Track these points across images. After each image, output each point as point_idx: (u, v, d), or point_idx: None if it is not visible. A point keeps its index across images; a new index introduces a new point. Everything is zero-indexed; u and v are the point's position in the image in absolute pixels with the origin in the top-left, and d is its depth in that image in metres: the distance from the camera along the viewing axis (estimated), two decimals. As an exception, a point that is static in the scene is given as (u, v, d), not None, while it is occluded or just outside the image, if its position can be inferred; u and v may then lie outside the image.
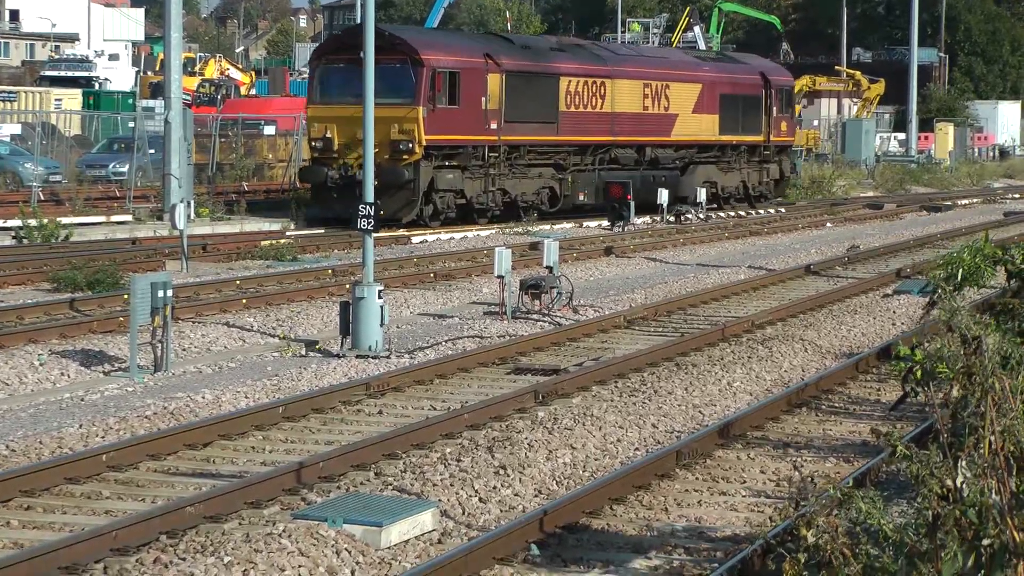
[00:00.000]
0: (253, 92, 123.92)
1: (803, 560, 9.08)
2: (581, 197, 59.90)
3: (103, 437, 22.04)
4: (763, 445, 22.32)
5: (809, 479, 18.65)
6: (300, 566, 15.51)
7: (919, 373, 14.36)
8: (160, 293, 27.67)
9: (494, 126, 54.17)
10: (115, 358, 28.75)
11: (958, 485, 8.84)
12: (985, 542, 8.16)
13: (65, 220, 52.67)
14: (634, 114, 62.12)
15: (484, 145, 54.31)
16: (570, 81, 58.54)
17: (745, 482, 19.99)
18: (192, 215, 50.58)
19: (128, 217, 59.20)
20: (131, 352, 27.78)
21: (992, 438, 9.16)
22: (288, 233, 56.01)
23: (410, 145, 50.90)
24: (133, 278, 29.89)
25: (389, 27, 60.50)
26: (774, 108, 70.82)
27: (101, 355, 29.12)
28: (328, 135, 52.32)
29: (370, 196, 31.90)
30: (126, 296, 31.03)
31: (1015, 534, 8.61)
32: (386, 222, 47.31)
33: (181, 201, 44.38)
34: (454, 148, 53.62)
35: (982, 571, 8.35)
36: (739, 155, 69.28)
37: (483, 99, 53.63)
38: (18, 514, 18.11)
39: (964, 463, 9.07)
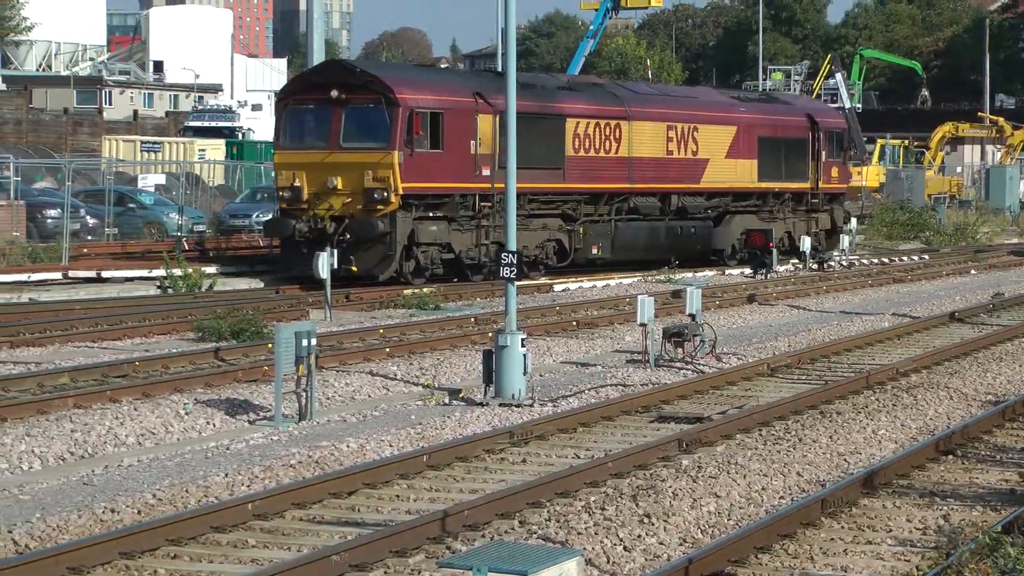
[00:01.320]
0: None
1: None
2: (594, 250, 55.31)
3: (248, 486, 22.17)
4: (909, 493, 21.90)
5: (958, 528, 18.63)
6: None
7: None
8: (304, 342, 27.64)
9: (486, 172, 49.70)
10: (260, 407, 28.92)
11: None
12: None
13: (209, 270, 53.36)
14: (656, 159, 57.85)
15: (475, 193, 50.29)
16: (579, 123, 54.19)
17: (891, 531, 19.61)
18: (335, 264, 50.86)
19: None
20: (276, 401, 27.90)
21: None
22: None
23: (385, 194, 46.86)
24: (277, 327, 29.97)
25: (362, 63, 58.42)
26: (823, 152, 65.91)
27: (246, 404, 29.21)
28: (297, 183, 48.02)
29: (512, 244, 31.27)
30: (270, 345, 31.12)
31: None
32: (360, 279, 46.17)
33: (324, 250, 44.20)
34: (438, 197, 49.51)
35: None
36: (783, 204, 64.93)
37: (472, 142, 49.53)
38: (165, 563, 18.03)
39: None
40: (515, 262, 31.93)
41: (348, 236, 44.99)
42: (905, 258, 74.60)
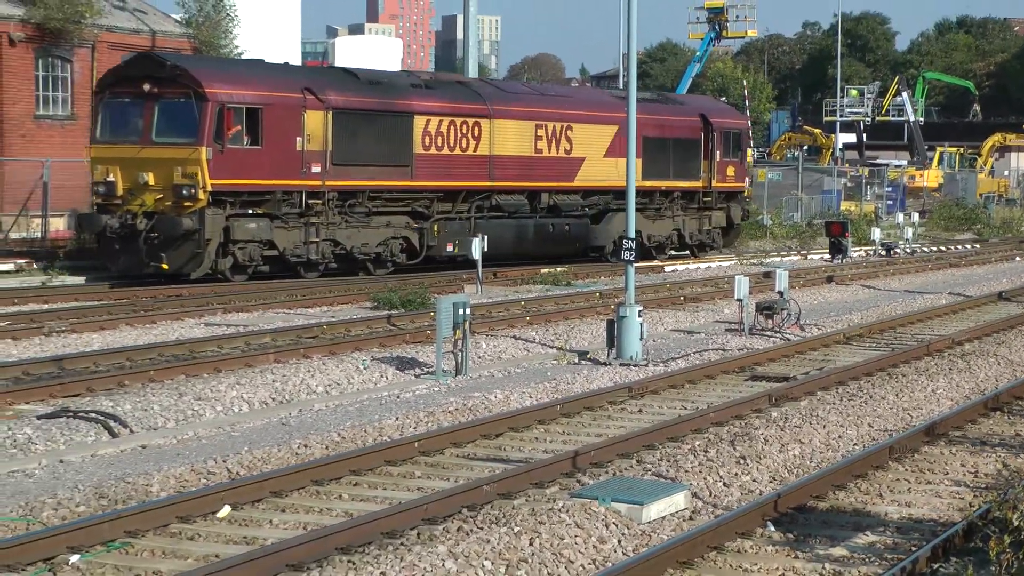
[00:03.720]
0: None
1: (1008, 540, 9.13)
2: (450, 248, 47.23)
3: (415, 428, 22.62)
4: (963, 443, 21.94)
5: (1012, 471, 18.83)
6: (576, 536, 15.53)
7: None
8: (460, 311, 27.90)
9: (316, 169, 43.15)
10: (424, 364, 29.12)
11: None
12: None
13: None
14: (522, 157, 50.25)
15: (301, 191, 43.21)
16: (429, 120, 46.91)
17: (948, 473, 19.77)
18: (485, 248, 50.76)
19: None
20: (437, 359, 28.25)
21: None
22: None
23: (193, 191, 39.80)
24: (439, 299, 30.33)
25: (174, 56, 47.24)
26: (717, 152, 58.11)
27: (412, 361, 29.44)
28: (111, 178, 41.02)
29: (632, 232, 30.91)
30: (432, 313, 31.65)
31: None
32: (172, 277, 41.01)
33: (476, 236, 44.11)
34: (257, 194, 42.54)
35: None
36: (672, 202, 56.98)
37: (299, 139, 42.72)
38: (347, 489, 18.76)
39: None
40: (634, 247, 31.79)
41: (156, 234, 40.12)
42: (959, 247, 73.80)
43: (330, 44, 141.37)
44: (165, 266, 39.36)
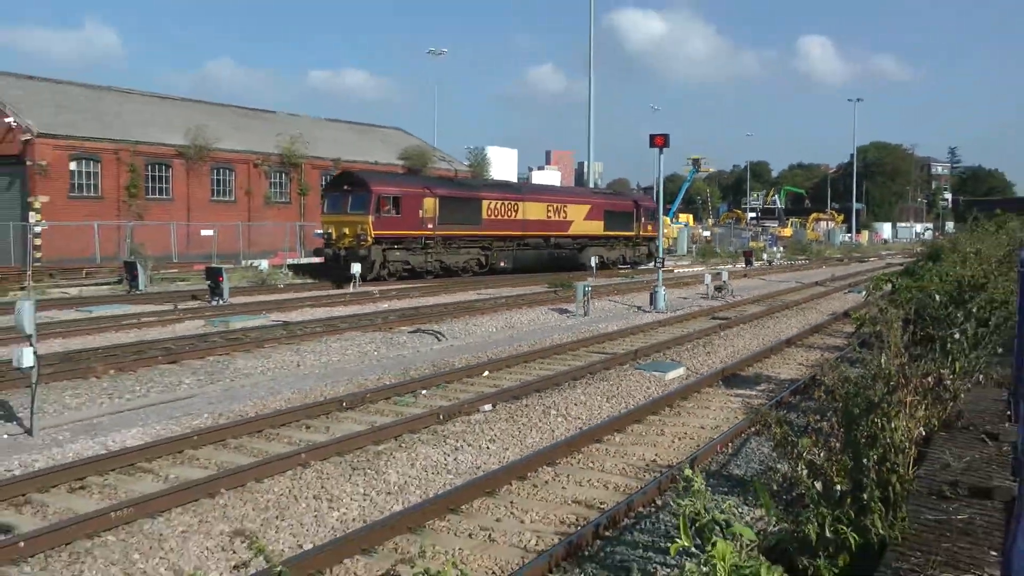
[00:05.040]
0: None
1: (821, 389, 9.22)
2: (503, 264, 49.57)
3: (567, 339, 23.63)
4: (802, 347, 23.55)
5: (825, 361, 19.88)
6: (636, 385, 17.77)
7: (860, 321, 17.87)
8: (585, 288, 30.18)
9: (430, 226, 44.81)
10: (569, 312, 30.46)
11: (881, 362, 9.03)
12: (891, 382, 8.49)
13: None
14: (540, 220, 52.24)
15: (422, 236, 44.61)
16: (490, 202, 48.94)
17: (796, 360, 21.33)
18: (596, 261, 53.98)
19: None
20: (576, 308, 30.19)
21: (892, 343, 9.31)
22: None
23: (365, 237, 42.08)
24: (576, 285, 31.73)
25: (357, 172, 48.96)
26: (642, 218, 60.47)
27: (564, 310, 30.85)
28: (330, 231, 43.40)
29: (661, 252, 31.60)
30: (572, 288, 33.53)
31: (901, 379, 8.67)
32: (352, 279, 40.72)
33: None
34: (399, 239, 43.74)
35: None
36: (619, 242, 59.17)
37: (420, 211, 44.32)
38: (541, 364, 19.93)
39: (882, 355, 9.20)
40: (662, 259, 34.21)
41: (348, 257, 41.92)
42: (799, 262, 75.57)
43: (529, 175, 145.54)
44: (356, 273, 40.51)
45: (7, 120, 54.37)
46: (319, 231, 49.17)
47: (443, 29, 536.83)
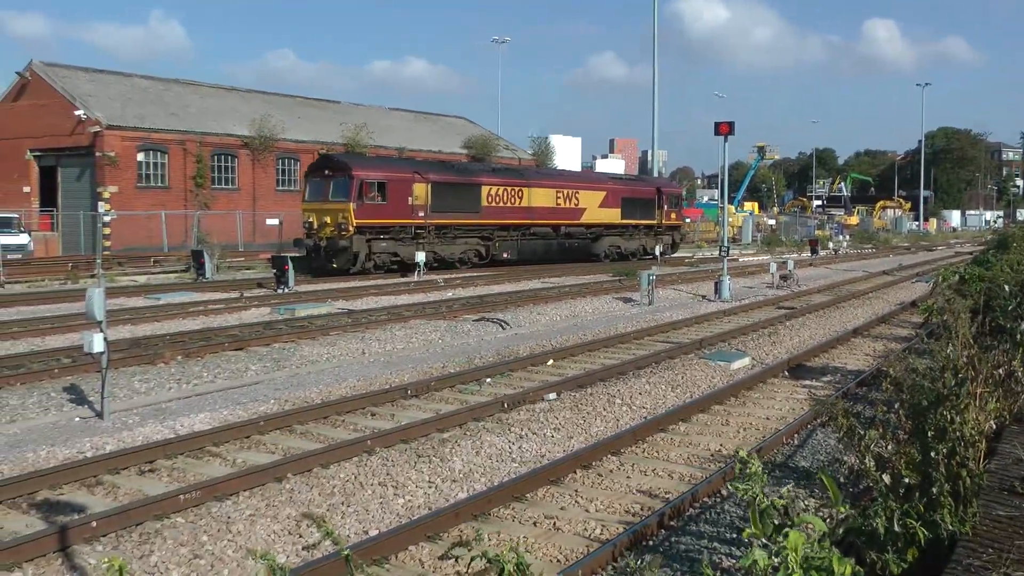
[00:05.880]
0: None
1: (887, 380, 9.37)
2: (505, 255, 46.52)
3: (631, 328, 23.65)
4: (868, 337, 23.39)
5: (892, 351, 19.77)
6: (701, 374, 17.78)
7: (928, 311, 17.65)
8: (650, 276, 30.31)
9: (421, 214, 42.01)
10: (633, 300, 30.53)
11: (949, 353, 8.81)
12: (959, 375, 8.18)
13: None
14: (548, 207, 48.93)
15: (411, 225, 41.82)
16: (491, 187, 45.86)
17: (863, 350, 21.14)
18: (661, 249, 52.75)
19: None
20: (640, 297, 30.39)
21: (961, 334, 9.40)
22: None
23: (346, 226, 39.29)
24: (640, 273, 31.87)
25: (337, 155, 46.55)
26: (665, 206, 57.01)
27: (628, 298, 30.92)
28: (311, 220, 40.58)
29: (727, 241, 31.39)
30: (637, 278, 33.52)
31: (970, 371, 8.45)
32: (337, 272, 39.19)
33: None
34: (385, 227, 40.93)
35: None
36: (639, 231, 55.56)
37: (409, 198, 41.43)
38: (605, 353, 19.95)
39: (950, 345, 9.23)
40: (729, 249, 33.97)
41: (329, 249, 39.38)
42: (865, 250, 75.23)
43: (594, 162, 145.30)
44: (335, 265, 38.69)
45: (77, 113, 55.42)
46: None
47: (505, 17, 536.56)
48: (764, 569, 4.62)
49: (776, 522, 5.29)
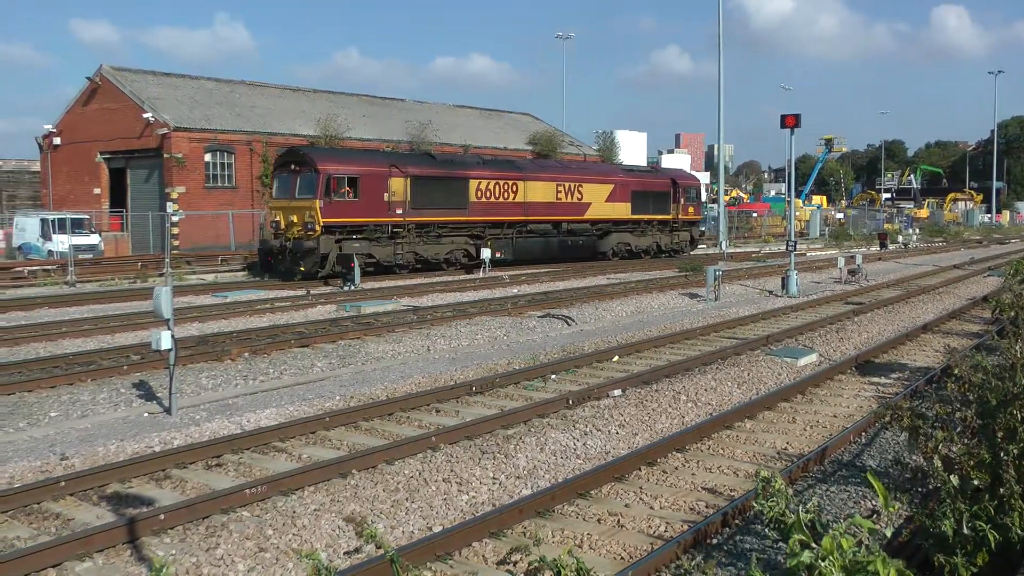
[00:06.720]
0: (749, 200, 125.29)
1: (951, 380, 9.13)
2: (498, 254, 42.38)
3: (696, 323, 23.79)
4: (938, 332, 23.20)
5: (959, 349, 19.26)
6: (768, 371, 17.76)
7: (997, 307, 17.40)
8: (716, 272, 30.58)
9: (399, 211, 38.84)
10: (699, 296, 30.72)
11: (1017, 351, 8.57)
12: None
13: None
14: (547, 202, 45.48)
15: (387, 223, 38.69)
16: (480, 182, 42.50)
17: (933, 347, 20.82)
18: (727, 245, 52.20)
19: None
20: (706, 293, 30.44)
21: None
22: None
23: (312, 225, 36.14)
24: (707, 268, 31.90)
25: (304, 148, 41.82)
26: (682, 199, 53.08)
27: (694, 294, 31.19)
28: (277, 219, 37.67)
29: (792, 235, 31.96)
30: (704, 274, 33.97)
31: None
32: (306, 277, 36.08)
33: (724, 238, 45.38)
34: (357, 226, 37.77)
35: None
36: (651, 227, 51.78)
37: (385, 194, 38.26)
38: (671, 349, 19.89)
39: (1019, 342, 8.98)
40: (796, 244, 33.68)
41: (294, 251, 36.49)
42: (936, 244, 74.06)
43: (659, 158, 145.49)
44: (303, 268, 35.94)
45: (145, 116, 56.33)
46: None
47: (568, 13, 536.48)
48: (808, 569, 4.63)
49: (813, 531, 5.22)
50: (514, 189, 44.16)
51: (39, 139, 64.49)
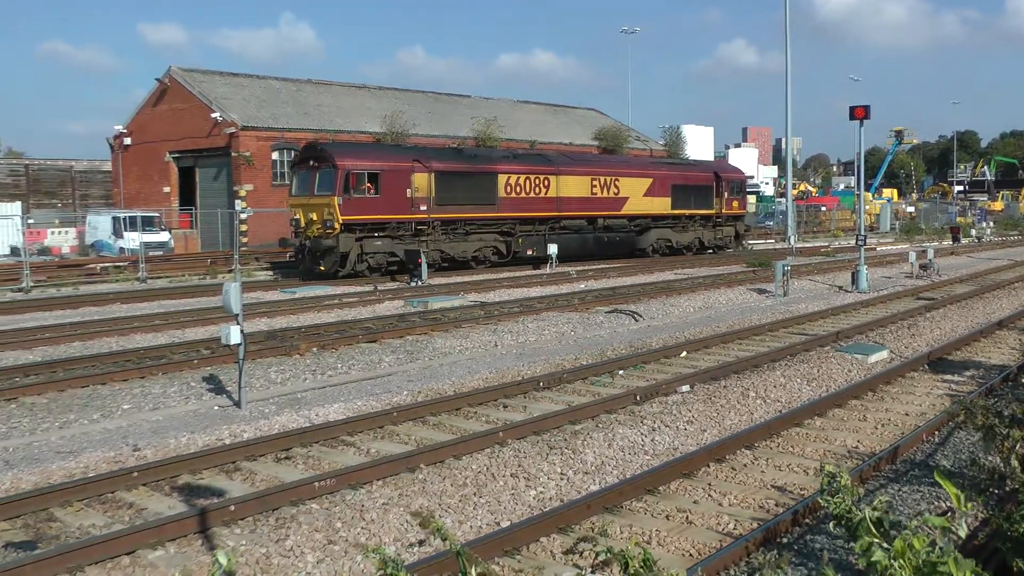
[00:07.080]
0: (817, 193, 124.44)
1: None
2: (530, 252, 41.56)
3: (766, 320, 23.82)
4: (1013, 329, 22.79)
5: None
6: (838, 367, 17.54)
7: None
8: (784, 267, 30.40)
9: (423, 208, 37.52)
10: (767, 292, 30.69)
11: None
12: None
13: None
14: (581, 198, 44.02)
15: (411, 221, 37.33)
16: (509, 176, 41.02)
17: (1009, 344, 20.61)
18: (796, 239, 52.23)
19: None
20: (775, 288, 30.26)
21: None
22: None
23: (331, 223, 35.10)
24: (775, 263, 32.03)
25: (323, 144, 39.71)
26: (725, 193, 51.20)
27: (762, 289, 31.22)
28: (297, 216, 36.47)
29: (862, 230, 31.52)
30: (771, 268, 32.72)
31: None
32: (324, 276, 35.31)
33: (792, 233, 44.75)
34: (378, 224, 36.50)
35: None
36: (693, 222, 50.02)
37: (408, 190, 37.08)
38: (738, 345, 19.88)
39: None
40: (866, 238, 33.34)
41: (313, 248, 35.72)
42: (1011, 237, 72.85)
43: (726, 152, 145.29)
44: (323, 268, 35.16)
45: (213, 115, 57.06)
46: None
47: (632, 7, 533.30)
48: (880, 571, 4.54)
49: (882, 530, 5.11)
50: (546, 184, 42.95)
51: (110, 140, 65.62)
